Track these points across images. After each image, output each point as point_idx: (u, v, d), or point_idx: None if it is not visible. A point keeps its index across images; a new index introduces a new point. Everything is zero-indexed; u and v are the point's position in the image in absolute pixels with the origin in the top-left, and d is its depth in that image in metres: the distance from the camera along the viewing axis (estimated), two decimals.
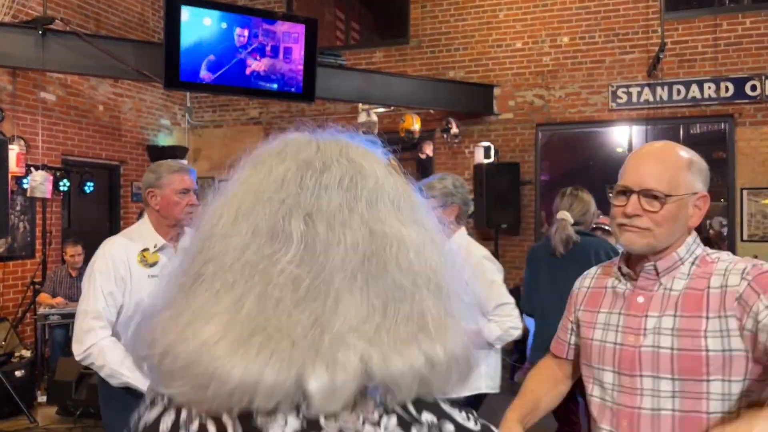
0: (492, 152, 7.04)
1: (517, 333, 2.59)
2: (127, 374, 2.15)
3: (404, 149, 9.78)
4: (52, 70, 5.76)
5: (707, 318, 1.28)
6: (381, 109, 7.51)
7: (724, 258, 1.36)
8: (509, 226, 6.97)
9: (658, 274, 1.36)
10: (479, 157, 7.00)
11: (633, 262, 1.42)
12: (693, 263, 1.36)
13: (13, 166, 5.05)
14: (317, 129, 0.78)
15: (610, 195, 1.39)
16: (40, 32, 5.09)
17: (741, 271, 1.29)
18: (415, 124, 7.17)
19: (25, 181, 5.73)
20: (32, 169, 5.69)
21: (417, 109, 7.29)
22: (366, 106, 7.49)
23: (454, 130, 7.38)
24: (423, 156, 8.40)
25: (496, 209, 6.75)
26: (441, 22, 7.71)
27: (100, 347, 2.20)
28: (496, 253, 7.04)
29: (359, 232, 0.65)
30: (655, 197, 1.31)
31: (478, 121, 7.59)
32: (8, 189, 4.76)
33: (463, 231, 2.73)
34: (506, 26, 7.41)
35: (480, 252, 2.66)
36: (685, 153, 1.37)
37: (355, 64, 7.98)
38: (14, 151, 5.14)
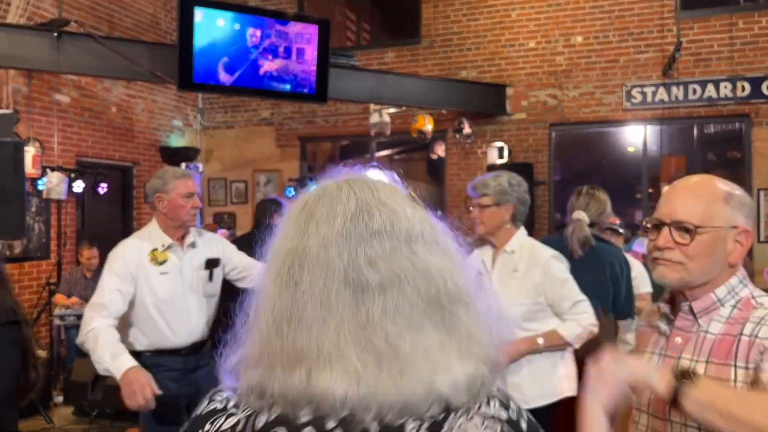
0: (505, 152, 7.00)
1: (596, 329, 2.49)
2: (109, 361, 2.28)
3: (416, 149, 9.81)
4: (67, 72, 5.80)
5: (736, 367, 1.22)
6: (393, 110, 7.50)
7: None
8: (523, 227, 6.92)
9: (694, 315, 1.30)
10: (492, 157, 6.98)
11: (674, 301, 1.37)
12: (735, 306, 1.28)
13: (29, 168, 5.09)
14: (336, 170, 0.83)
15: (646, 229, 1.35)
16: (55, 34, 5.12)
17: None
18: (428, 125, 7.15)
19: (40, 182, 5.76)
20: (48, 170, 5.72)
21: (429, 110, 7.27)
22: (378, 107, 7.49)
23: (467, 130, 7.35)
24: (435, 156, 8.38)
25: None
26: (453, 22, 7.69)
27: (95, 332, 2.34)
28: None
29: (412, 272, 0.73)
30: (687, 230, 1.25)
31: (490, 121, 7.56)
32: (24, 190, 4.79)
33: (522, 232, 2.58)
34: (519, 26, 7.38)
35: (547, 252, 2.54)
36: (724, 186, 1.31)
37: (366, 64, 7.97)
38: (30, 152, 5.18)
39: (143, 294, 2.53)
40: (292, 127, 8.56)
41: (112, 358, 2.29)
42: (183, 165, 6.67)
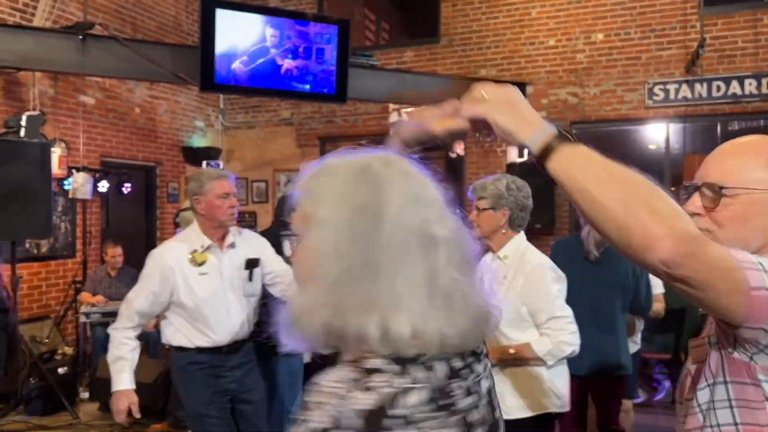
0: (526, 151, 6.94)
1: (570, 350, 2.32)
2: (113, 374, 2.60)
3: (434, 148, 9.77)
4: (92, 74, 5.90)
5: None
6: (412, 109, 7.50)
7: None
8: (543, 227, 6.89)
9: None
10: (513, 155, 6.94)
11: None
12: None
13: (56, 168, 5.19)
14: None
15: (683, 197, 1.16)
16: (80, 37, 5.21)
17: None
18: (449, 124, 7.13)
19: (66, 182, 5.88)
20: (73, 171, 5.83)
21: None
22: (396, 106, 7.49)
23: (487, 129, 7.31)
24: (454, 155, 8.35)
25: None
26: (472, 20, 7.67)
27: (115, 340, 2.62)
28: None
29: (457, 231, 0.89)
30: (713, 190, 1.08)
31: None
32: (51, 191, 4.90)
33: (519, 238, 2.49)
34: (539, 23, 7.33)
35: (536, 260, 2.43)
36: None
37: (385, 63, 7.98)
38: (56, 153, 5.28)
39: (183, 294, 2.63)
40: (312, 126, 8.61)
41: (115, 372, 2.59)
42: (204, 164, 6.74)
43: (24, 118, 4.87)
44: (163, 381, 4.56)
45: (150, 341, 5.46)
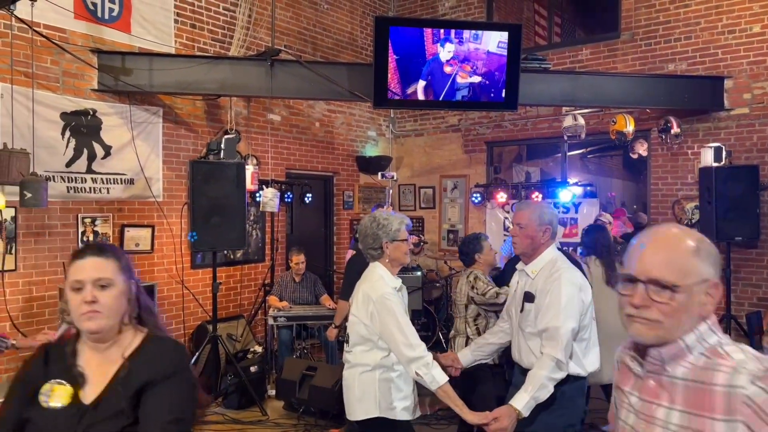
0: (723, 154, 6.18)
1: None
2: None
3: (613, 148, 9.13)
4: (279, 96, 6.41)
5: (714, 420, 1.20)
6: (587, 110, 7.06)
7: (736, 354, 1.23)
8: (745, 239, 6.08)
9: (663, 360, 1.30)
10: (707, 159, 6.20)
11: (640, 346, 1.36)
12: (702, 353, 1.26)
13: (249, 184, 5.72)
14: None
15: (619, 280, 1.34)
16: (269, 63, 5.70)
17: (751, 372, 1.18)
18: (629, 126, 6.60)
19: (258, 195, 6.46)
20: (263, 186, 6.39)
21: (630, 109, 6.71)
22: (570, 109, 7.10)
23: (675, 129, 6.63)
24: (635, 156, 7.71)
25: (728, 219, 5.93)
26: (659, 11, 7.00)
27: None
28: (727, 270, 6.20)
29: None
30: (663, 287, 1.24)
31: (703, 119, 6.74)
32: (245, 206, 5.42)
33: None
34: (741, 8, 6.46)
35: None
36: (692, 238, 1.29)
37: (558, 63, 7.61)
38: (249, 170, 5.82)
39: None
40: (480, 132, 8.52)
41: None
42: (379, 175, 6.99)
43: (223, 140, 5.43)
44: (340, 387, 4.79)
45: (329, 349, 5.81)
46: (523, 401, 2.51)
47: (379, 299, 2.65)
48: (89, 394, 1.53)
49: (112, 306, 1.57)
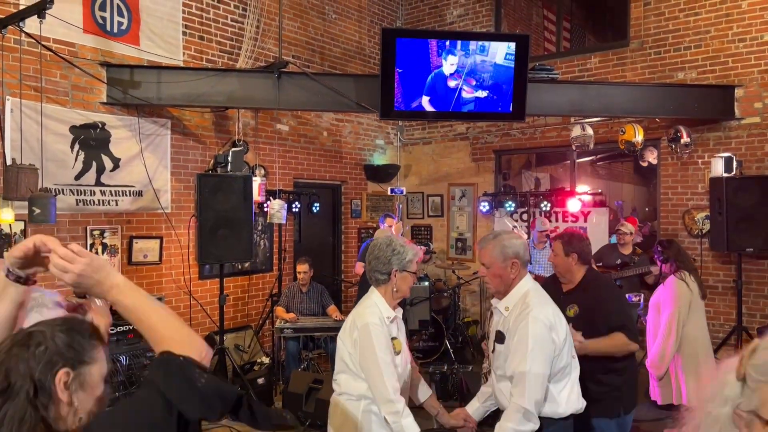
0: (734, 164, 6.12)
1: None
2: None
3: (623, 154, 9.10)
4: (286, 108, 6.43)
5: None
6: (595, 119, 7.02)
7: None
8: (756, 250, 6.01)
9: None
10: (717, 169, 6.14)
11: None
12: None
13: (256, 196, 5.74)
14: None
15: None
16: (276, 75, 5.71)
17: None
18: (638, 136, 6.55)
19: (265, 206, 6.48)
20: (270, 198, 6.40)
21: (638, 118, 6.66)
22: (578, 118, 7.06)
23: (685, 139, 6.56)
24: (644, 164, 7.66)
25: (739, 230, 5.87)
26: (668, 19, 6.94)
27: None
28: (738, 281, 6.13)
29: None
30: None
31: (714, 128, 6.68)
32: (252, 219, 5.43)
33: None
34: (751, 16, 6.40)
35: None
36: None
37: (567, 71, 7.57)
38: (257, 182, 5.84)
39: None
40: (488, 140, 8.49)
41: None
42: (388, 190, 6.98)
43: (230, 153, 5.46)
44: None
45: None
46: None
47: (364, 327, 2.50)
48: None
49: None
